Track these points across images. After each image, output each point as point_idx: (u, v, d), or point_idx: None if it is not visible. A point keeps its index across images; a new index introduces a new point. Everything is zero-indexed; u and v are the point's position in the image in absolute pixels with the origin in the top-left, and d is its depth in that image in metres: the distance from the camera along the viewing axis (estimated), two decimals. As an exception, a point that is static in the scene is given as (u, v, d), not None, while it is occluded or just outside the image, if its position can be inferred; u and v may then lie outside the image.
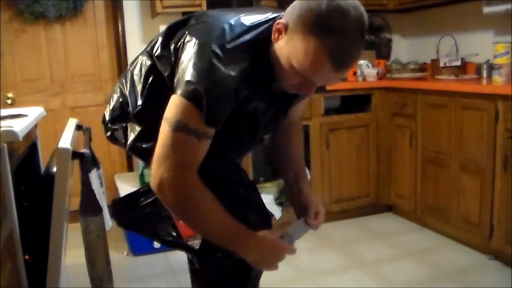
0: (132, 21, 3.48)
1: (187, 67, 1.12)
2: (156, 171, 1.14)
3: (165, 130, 1.13)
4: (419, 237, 3.08)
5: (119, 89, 1.39)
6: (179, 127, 1.11)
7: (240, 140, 1.30)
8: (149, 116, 1.26)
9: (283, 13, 1.16)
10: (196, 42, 1.14)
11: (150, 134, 1.24)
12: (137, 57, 1.38)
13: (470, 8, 3.28)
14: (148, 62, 1.30)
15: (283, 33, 1.10)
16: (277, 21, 1.12)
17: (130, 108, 1.33)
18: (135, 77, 1.34)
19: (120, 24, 3.49)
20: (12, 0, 3.22)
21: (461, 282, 2.46)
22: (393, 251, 2.90)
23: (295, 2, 1.11)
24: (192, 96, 1.09)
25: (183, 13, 3.33)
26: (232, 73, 1.10)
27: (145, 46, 1.37)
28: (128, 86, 1.35)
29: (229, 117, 1.14)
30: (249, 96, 1.17)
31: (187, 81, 1.09)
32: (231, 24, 1.16)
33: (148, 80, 1.29)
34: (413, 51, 3.98)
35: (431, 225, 3.12)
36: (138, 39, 3.49)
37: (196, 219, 1.19)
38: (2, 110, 1.79)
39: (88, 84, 3.54)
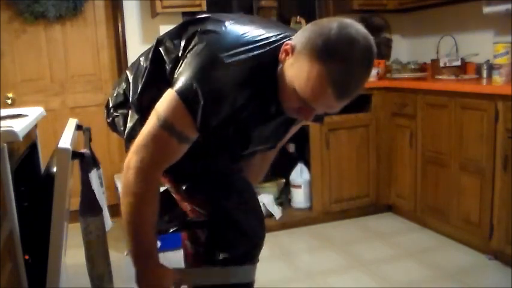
0: (132, 21, 3.48)
1: (190, 66, 1.11)
2: (132, 155, 1.17)
3: (152, 122, 1.15)
4: (419, 237, 3.08)
5: (125, 75, 1.39)
6: (165, 125, 1.12)
7: (228, 146, 1.29)
8: (144, 105, 1.26)
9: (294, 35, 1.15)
10: (206, 46, 1.13)
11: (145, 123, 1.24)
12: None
13: (470, 8, 3.27)
14: (153, 48, 1.29)
15: (290, 54, 1.09)
16: (286, 42, 1.11)
17: (130, 96, 1.33)
18: (141, 63, 1.34)
19: (120, 24, 3.49)
20: (12, 0, 3.22)
21: (461, 282, 2.46)
22: (393, 251, 2.90)
23: (307, 25, 1.10)
24: (188, 97, 1.09)
25: (183, 13, 3.33)
26: (234, 82, 1.10)
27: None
28: (133, 72, 1.35)
29: (220, 123, 1.14)
30: (244, 105, 1.16)
31: (188, 82, 1.09)
32: (243, 36, 1.15)
33: (148, 66, 1.29)
34: (413, 51, 3.98)
35: (431, 225, 3.12)
36: (138, 39, 3.49)
37: (136, 213, 1.21)
38: (2, 110, 1.79)
39: (88, 84, 3.54)
